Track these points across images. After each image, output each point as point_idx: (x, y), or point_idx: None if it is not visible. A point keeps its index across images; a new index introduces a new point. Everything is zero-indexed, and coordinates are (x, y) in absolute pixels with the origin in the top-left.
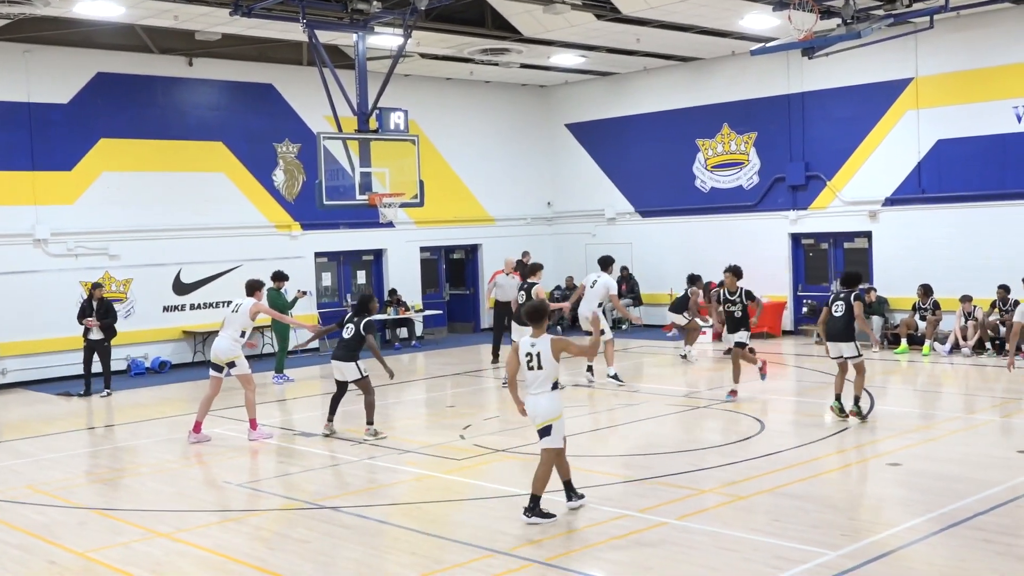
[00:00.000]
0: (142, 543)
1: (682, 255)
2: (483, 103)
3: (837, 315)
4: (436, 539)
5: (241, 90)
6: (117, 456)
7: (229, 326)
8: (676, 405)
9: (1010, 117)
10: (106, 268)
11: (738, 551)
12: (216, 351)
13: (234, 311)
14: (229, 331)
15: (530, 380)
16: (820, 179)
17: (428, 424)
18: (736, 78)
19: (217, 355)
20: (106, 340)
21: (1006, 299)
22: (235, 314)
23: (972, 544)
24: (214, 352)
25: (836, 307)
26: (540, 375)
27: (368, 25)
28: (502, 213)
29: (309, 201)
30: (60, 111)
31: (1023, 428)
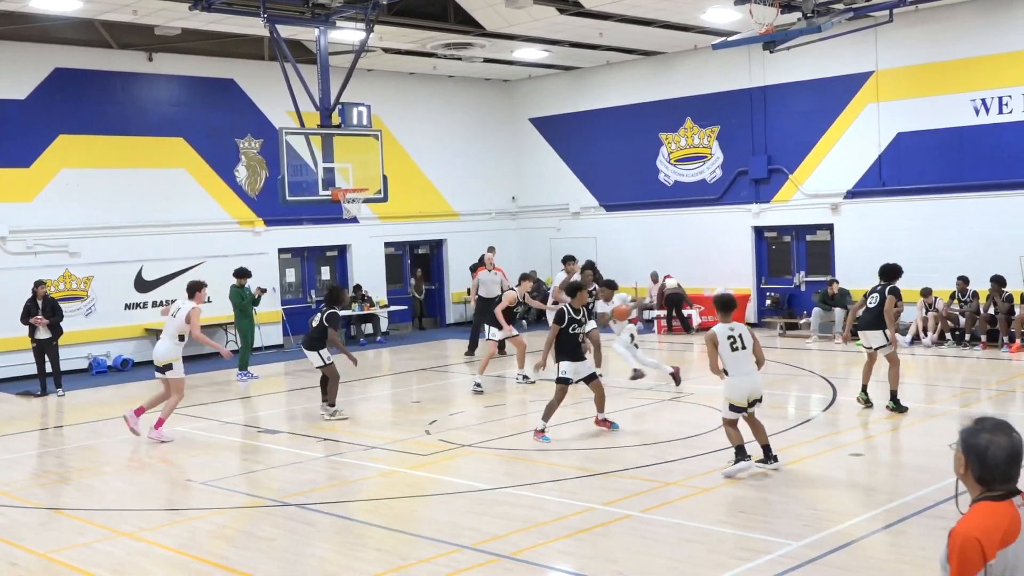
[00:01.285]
0: (104, 543)
1: (646, 249)
2: (446, 98)
3: (871, 306)
4: (402, 535)
5: (202, 85)
6: (79, 455)
7: (167, 328)
8: (640, 398)
9: (968, 110)
10: (66, 266)
11: (702, 543)
12: (156, 353)
13: (173, 315)
14: (167, 333)
15: (737, 359)
16: (782, 172)
17: (393, 420)
18: (698, 72)
19: (157, 357)
20: (53, 339)
21: (965, 290)
22: (173, 318)
23: (933, 533)
24: (155, 354)
25: (871, 299)
26: (746, 354)
27: (330, 20)
28: (466, 208)
29: (272, 197)
30: (17, 107)
31: None
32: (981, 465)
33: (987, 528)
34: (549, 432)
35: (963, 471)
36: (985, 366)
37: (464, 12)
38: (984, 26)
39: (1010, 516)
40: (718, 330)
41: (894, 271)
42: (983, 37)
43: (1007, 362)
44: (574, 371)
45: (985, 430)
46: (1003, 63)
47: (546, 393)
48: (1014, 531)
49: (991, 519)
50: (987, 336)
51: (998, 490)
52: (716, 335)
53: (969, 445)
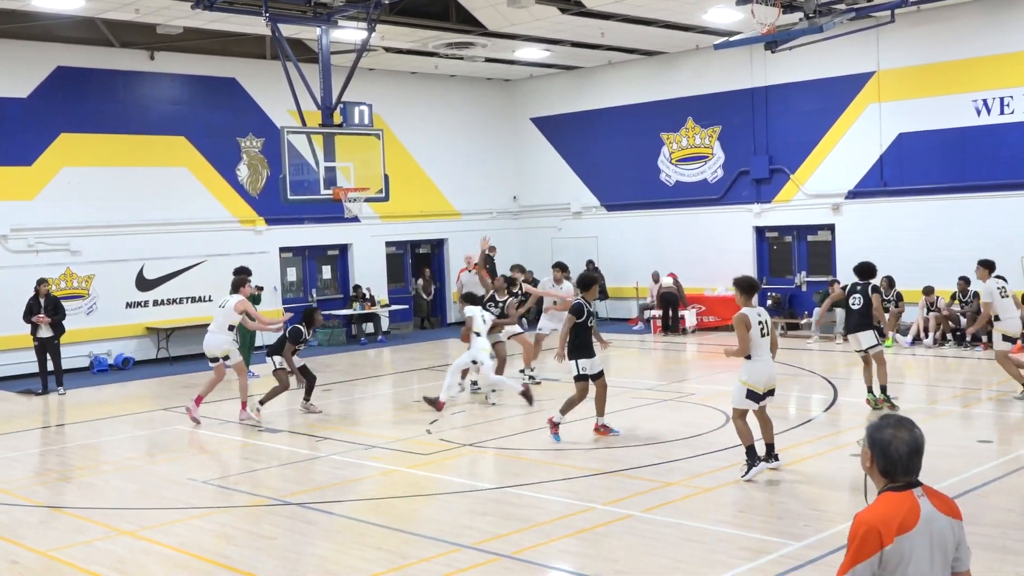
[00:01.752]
0: (105, 541)
1: (647, 249)
2: (448, 97)
3: (855, 308)
4: (402, 534)
5: (204, 84)
6: (80, 454)
7: (216, 321)
8: (642, 398)
9: (970, 110)
10: (67, 264)
11: (703, 543)
12: (207, 347)
13: (221, 306)
14: (217, 326)
15: (762, 344)
16: (784, 172)
17: (394, 419)
18: (700, 72)
19: (210, 351)
20: (55, 338)
21: (966, 290)
22: (222, 309)
23: None
24: (206, 348)
25: (854, 300)
26: (768, 340)
27: (331, 19)
28: (468, 207)
29: (273, 196)
30: (19, 105)
31: (983, 418)
32: (885, 458)
33: (887, 516)
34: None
35: (869, 464)
36: (986, 367)
37: (466, 11)
38: (986, 26)
39: (909, 505)
40: (749, 313)
41: (870, 269)
42: (985, 38)
43: None
44: (591, 366)
45: (889, 426)
46: (1005, 63)
47: (549, 393)
48: (912, 520)
49: (891, 508)
50: (988, 337)
51: (900, 481)
52: (748, 318)
53: (874, 440)
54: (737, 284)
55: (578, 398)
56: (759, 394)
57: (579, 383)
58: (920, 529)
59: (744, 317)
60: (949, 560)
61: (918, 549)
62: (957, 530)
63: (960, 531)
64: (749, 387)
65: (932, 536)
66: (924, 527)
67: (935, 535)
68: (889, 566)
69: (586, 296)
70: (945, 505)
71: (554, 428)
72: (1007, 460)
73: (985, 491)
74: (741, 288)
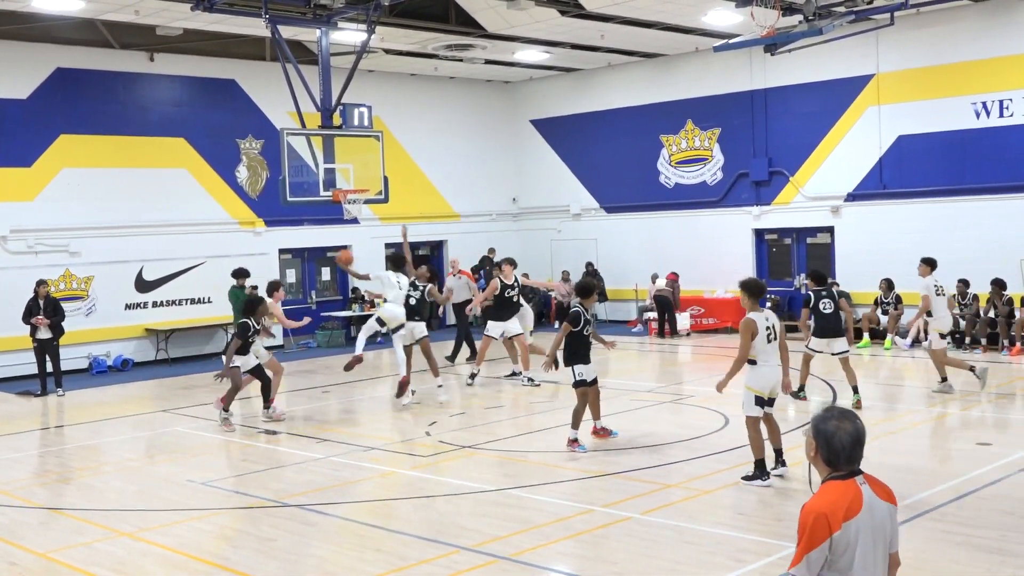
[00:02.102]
0: (104, 543)
1: (647, 251)
2: (447, 99)
3: (828, 312)
4: (401, 536)
5: (203, 86)
6: (79, 455)
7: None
8: (640, 400)
9: (969, 113)
10: (67, 265)
11: (702, 545)
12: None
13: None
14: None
15: (769, 350)
16: (783, 175)
17: (393, 421)
18: (700, 74)
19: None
20: (55, 339)
21: (965, 293)
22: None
23: (932, 535)
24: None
25: (824, 305)
26: (775, 345)
27: (331, 20)
28: (467, 209)
29: (273, 197)
30: (19, 107)
31: (982, 421)
32: (829, 448)
33: (834, 504)
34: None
35: (813, 454)
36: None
37: (465, 13)
38: (985, 29)
39: (853, 493)
40: (756, 318)
41: (824, 276)
42: (984, 40)
43: (1007, 365)
44: (587, 372)
45: (833, 417)
46: (1004, 66)
47: (546, 395)
48: (856, 506)
49: (837, 496)
50: (987, 339)
51: (843, 470)
52: (756, 324)
53: (819, 431)
54: (744, 287)
55: (581, 406)
56: (765, 399)
57: (578, 389)
58: (863, 515)
59: (751, 323)
60: (887, 543)
61: (862, 534)
62: (894, 515)
63: (895, 515)
64: (756, 392)
65: (874, 521)
66: (867, 513)
67: (876, 520)
68: (838, 552)
69: (585, 303)
70: (884, 491)
71: (573, 444)
72: (1007, 463)
73: (984, 493)
74: (748, 291)
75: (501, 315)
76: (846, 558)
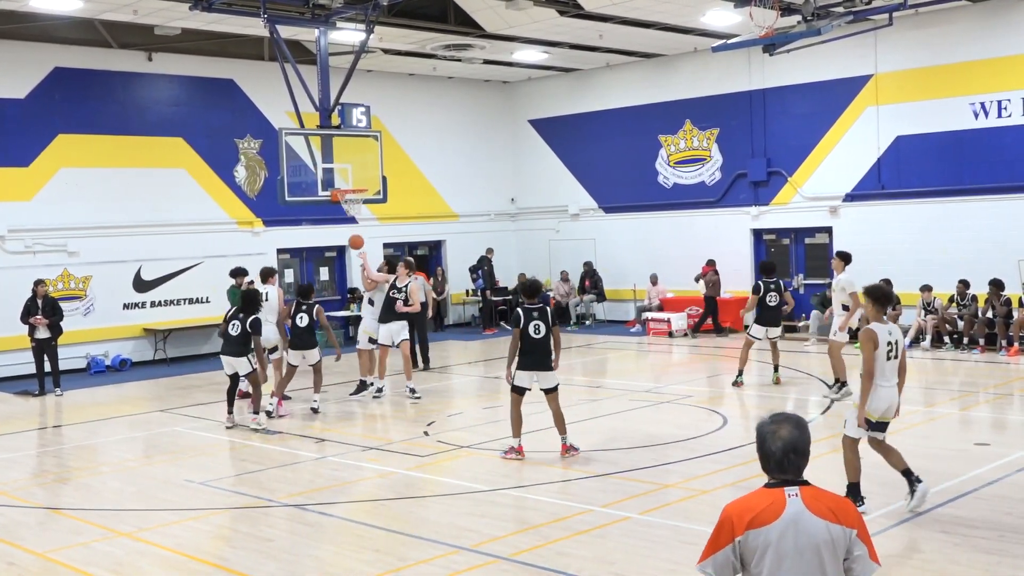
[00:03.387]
0: (103, 543)
1: (645, 251)
2: (446, 99)
3: (773, 304)
4: (400, 536)
5: (201, 85)
6: (77, 455)
7: (268, 314)
8: (639, 400)
9: (968, 114)
10: (65, 265)
11: (700, 545)
12: (266, 337)
13: (266, 299)
14: (270, 319)
15: (888, 368)
16: (781, 175)
17: (392, 421)
18: (698, 74)
19: (268, 341)
20: (53, 339)
21: (965, 293)
22: (267, 302)
23: (930, 536)
24: (264, 339)
25: (771, 298)
26: (895, 364)
27: (330, 20)
28: (466, 209)
29: (271, 197)
30: (17, 106)
31: (980, 421)
32: (761, 453)
33: (743, 509)
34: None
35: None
36: (983, 369)
37: (464, 13)
38: (983, 30)
39: (770, 501)
40: (878, 330)
41: (774, 267)
42: (982, 41)
43: (1005, 366)
44: (524, 378)
45: (773, 422)
46: (1002, 67)
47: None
48: (769, 516)
49: (752, 502)
50: (985, 340)
51: (775, 477)
52: (877, 335)
53: (757, 435)
54: (868, 293)
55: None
56: (877, 424)
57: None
58: (780, 527)
59: (872, 334)
60: (837, 564)
61: (780, 547)
62: (843, 537)
63: (851, 539)
64: (867, 415)
65: (798, 536)
66: (787, 526)
67: (802, 535)
68: (748, 560)
69: (530, 303)
70: (825, 508)
71: (508, 453)
72: (1005, 463)
73: (983, 493)
74: (873, 298)
75: (386, 317)
76: (759, 568)
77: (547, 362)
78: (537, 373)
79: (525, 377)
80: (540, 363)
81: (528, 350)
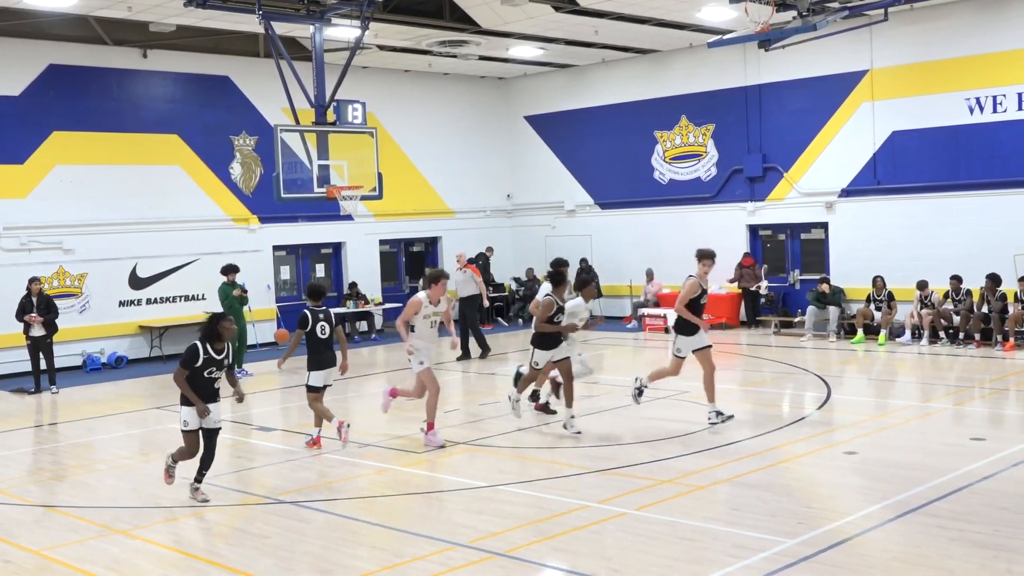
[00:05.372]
0: (99, 540)
1: (641, 247)
2: (442, 95)
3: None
4: (396, 532)
5: (197, 82)
6: (73, 453)
7: None
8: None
9: (963, 109)
10: (60, 263)
11: (697, 540)
12: None
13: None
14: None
15: None
16: (777, 171)
17: (388, 417)
18: (694, 70)
19: None
20: (48, 337)
21: (959, 289)
22: None
23: (926, 530)
24: None
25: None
26: None
27: (325, 16)
28: (462, 206)
29: (267, 194)
30: (11, 104)
31: (976, 416)
32: None
33: None
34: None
35: None
36: (979, 364)
37: (460, 9)
38: (979, 25)
39: None
40: None
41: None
42: (978, 36)
43: (1001, 360)
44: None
45: None
46: (997, 62)
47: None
48: None
49: None
50: (981, 335)
51: None
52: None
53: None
54: None
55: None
56: None
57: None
58: None
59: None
60: None
61: None
62: None
63: None
64: None
65: None
66: None
67: None
68: None
69: (314, 305)
70: None
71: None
72: (1000, 457)
73: (978, 488)
74: None
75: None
76: None
77: (334, 359)
78: (329, 371)
79: (319, 376)
80: (331, 361)
81: (317, 350)
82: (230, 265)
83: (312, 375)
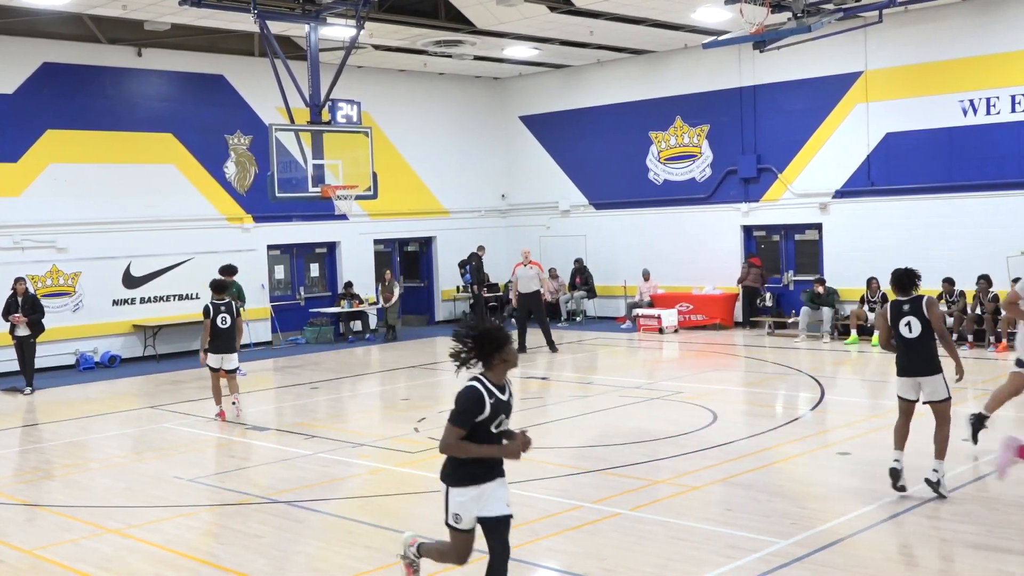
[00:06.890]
0: (91, 539)
1: (636, 247)
2: (437, 95)
3: None
4: (390, 532)
5: (191, 81)
6: (66, 452)
7: None
8: (629, 396)
9: (957, 110)
10: (54, 261)
11: (691, 541)
12: None
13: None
14: None
15: None
16: (771, 171)
17: (382, 417)
18: (689, 71)
19: None
20: (32, 336)
21: (951, 291)
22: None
23: (919, 531)
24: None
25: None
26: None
27: (320, 16)
28: (456, 205)
29: (261, 193)
30: (5, 102)
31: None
32: None
33: None
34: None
35: None
36: (972, 365)
37: (455, 9)
38: (973, 27)
39: None
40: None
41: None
42: (972, 38)
43: (994, 361)
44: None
45: None
46: (992, 64)
47: (535, 392)
48: None
49: None
50: (974, 336)
51: None
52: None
53: None
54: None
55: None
56: None
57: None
58: None
59: None
60: None
61: None
62: None
63: None
64: None
65: None
66: None
67: None
68: None
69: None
70: None
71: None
72: (993, 458)
73: (971, 489)
74: None
75: None
76: None
77: (232, 346)
78: (224, 356)
79: (216, 360)
80: (226, 347)
81: (216, 336)
82: (229, 266)
83: (210, 357)
